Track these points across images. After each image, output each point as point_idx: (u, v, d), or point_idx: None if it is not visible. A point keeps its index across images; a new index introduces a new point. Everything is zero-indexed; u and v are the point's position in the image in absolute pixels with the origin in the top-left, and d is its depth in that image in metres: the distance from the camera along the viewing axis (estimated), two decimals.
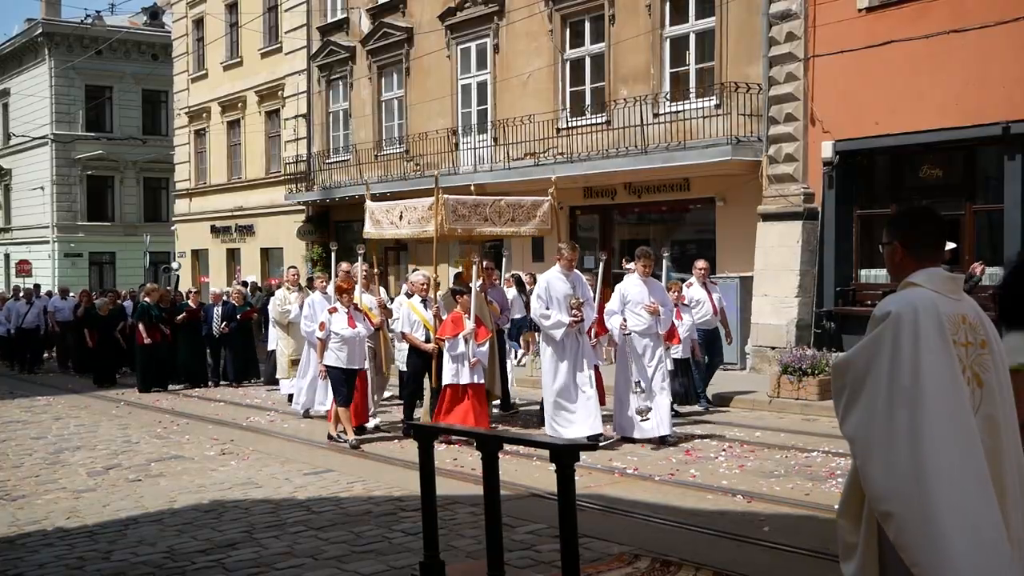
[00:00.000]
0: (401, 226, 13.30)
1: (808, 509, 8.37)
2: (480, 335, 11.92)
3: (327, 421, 13.03)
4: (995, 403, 3.80)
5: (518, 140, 22.80)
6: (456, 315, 11.97)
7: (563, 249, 11.84)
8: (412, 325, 12.73)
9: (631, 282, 11.92)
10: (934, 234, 4.05)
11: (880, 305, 3.89)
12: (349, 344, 12.08)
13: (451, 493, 8.87)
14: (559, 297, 11.52)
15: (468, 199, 13.08)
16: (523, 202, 13.33)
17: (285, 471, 10.73)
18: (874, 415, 3.71)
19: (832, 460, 10.44)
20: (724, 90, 18.75)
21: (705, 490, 9.22)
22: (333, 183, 29.56)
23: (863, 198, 17.81)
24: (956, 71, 15.82)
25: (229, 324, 19.63)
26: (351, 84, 29.73)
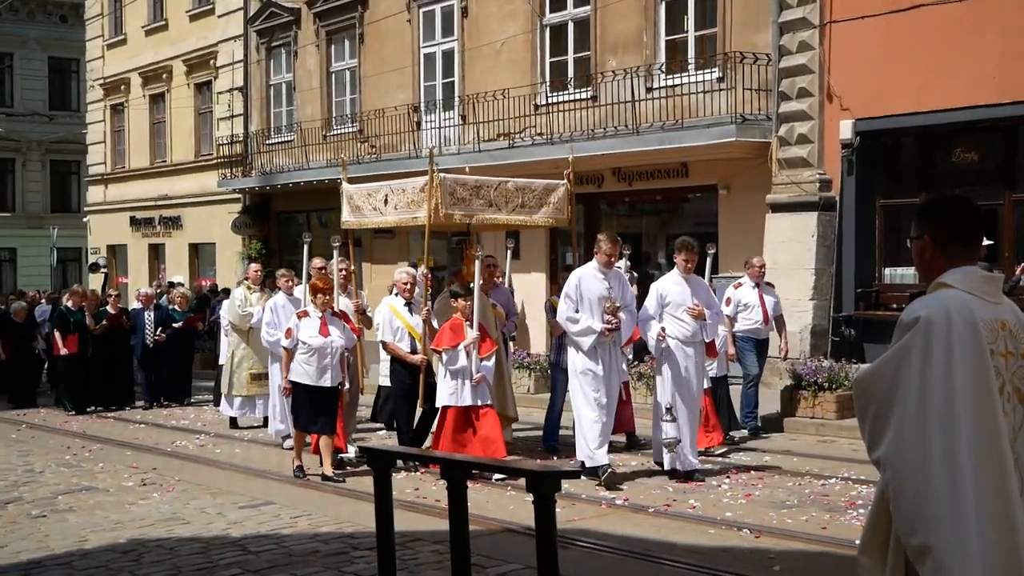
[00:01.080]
0: (387, 212, 12.91)
1: (825, 545, 8.40)
2: (485, 347, 11.47)
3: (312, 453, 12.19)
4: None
5: (490, 119, 22.80)
6: (456, 322, 11.46)
7: (602, 242, 11.25)
8: (395, 333, 12.24)
9: (670, 280, 11.45)
10: (969, 227, 4.06)
11: (908, 310, 3.90)
12: (320, 356, 11.53)
13: (412, 529, 8.86)
14: (592, 299, 11.04)
15: (469, 179, 12.76)
16: (534, 185, 12.95)
17: (217, 504, 10.67)
18: (904, 439, 3.71)
19: (853, 488, 10.49)
20: (728, 61, 18.81)
21: (706, 523, 9.23)
22: (274, 167, 29.47)
23: (887, 185, 17.91)
24: (994, 40, 15.93)
25: (165, 332, 19.27)
26: (295, 53, 29.65)
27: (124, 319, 19.45)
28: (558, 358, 12.92)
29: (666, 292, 11.30)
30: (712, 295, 11.90)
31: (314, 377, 11.51)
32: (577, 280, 11.16)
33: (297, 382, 11.60)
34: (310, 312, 11.74)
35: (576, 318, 11.04)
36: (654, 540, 8.72)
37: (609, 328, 10.96)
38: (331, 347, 11.58)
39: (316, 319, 11.62)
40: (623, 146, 19.69)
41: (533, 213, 12.91)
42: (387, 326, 12.28)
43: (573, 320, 11.06)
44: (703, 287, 11.65)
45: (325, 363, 11.55)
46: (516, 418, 13.01)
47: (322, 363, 11.54)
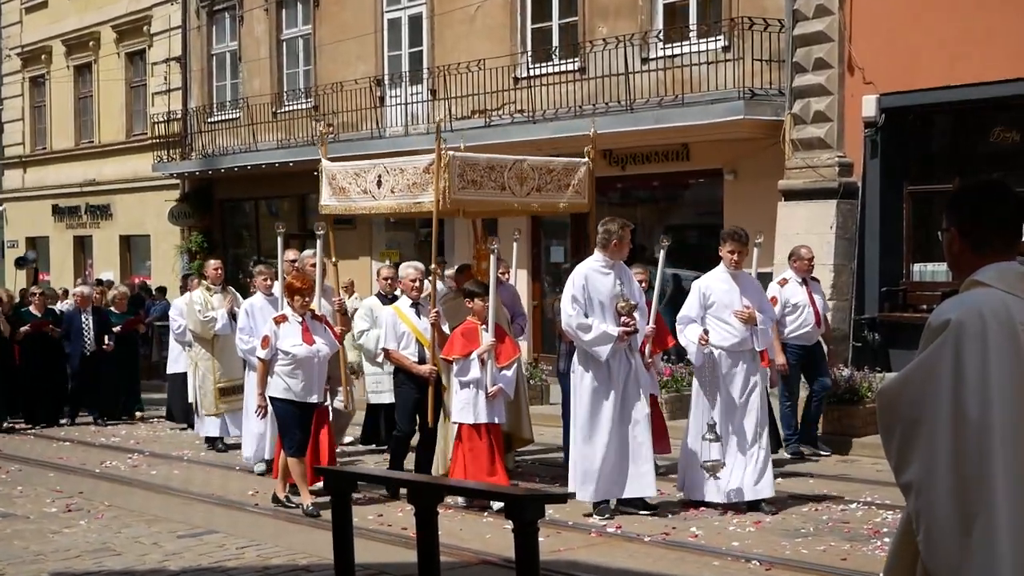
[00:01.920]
0: (380, 196, 12.46)
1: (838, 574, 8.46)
2: (504, 354, 11.17)
3: (272, 477, 12.10)
4: None
5: (463, 93, 22.79)
6: (468, 326, 11.15)
7: (611, 229, 10.75)
8: (400, 339, 11.82)
9: (716, 278, 11.14)
10: (1005, 217, 4.09)
11: (937, 311, 3.92)
12: (304, 367, 11.15)
13: (375, 560, 8.86)
14: (603, 298, 10.60)
15: (480, 158, 12.36)
16: (553, 164, 12.64)
17: (153, 533, 10.65)
18: (936, 463, 3.73)
19: (876, 514, 10.53)
20: (735, 28, 18.86)
21: (710, 554, 9.26)
22: (217, 149, 29.40)
23: (917, 170, 17.99)
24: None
25: (110, 339, 18.76)
26: (241, 18, 29.59)
27: (50, 325, 19.02)
28: (568, 366, 12.20)
29: (710, 291, 10.98)
30: (766, 298, 11.65)
31: (299, 392, 11.15)
32: (583, 279, 10.68)
33: (279, 399, 11.22)
34: (289, 317, 11.33)
35: (588, 324, 10.49)
36: (650, 573, 8.75)
37: (627, 331, 10.54)
38: (318, 356, 11.24)
39: (297, 324, 11.25)
40: (615, 125, 19.66)
41: (552, 197, 12.55)
42: (391, 331, 11.89)
43: (585, 328, 10.49)
44: (755, 287, 11.31)
45: (311, 375, 11.23)
46: (531, 439, 12.85)
47: (308, 375, 11.20)
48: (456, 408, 11.06)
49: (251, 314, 13.33)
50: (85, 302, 19.26)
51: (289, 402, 11.18)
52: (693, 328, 10.88)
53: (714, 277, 11.17)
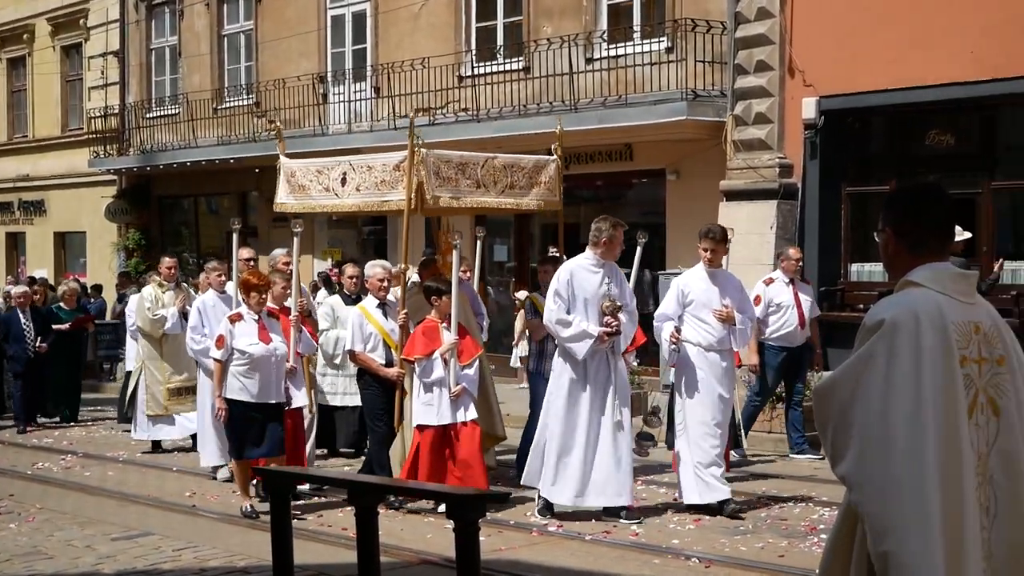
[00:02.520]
0: (344, 194, 12.10)
1: (783, 574, 8.52)
2: (466, 352, 10.90)
3: None
4: (1014, 435, 3.92)
5: (407, 91, 22.74)
6: (429, 325, 10.88)
7: (602, 227, 10.64)
8: (367, 340, 11.47)
9: (695, 276, 11.00)
10: (940, 219, 4.16)
11: (871, 312, 3.99)
12: (262, 367, 10.80)
13: (314, 561, 8.84)
14: (588, 297, 10.44)
15: (453, 155, 12.07)
16: (523, 162, 12.43)
17: (86, 536, 10.56)
18: (868, 458, 3.80)
19: (814, 511, 10.64)
20: (677, 29, 18.95)
21: (650, 552, 9.32)
22: (156, 145, 29.18)
23: (855, 171, 18.16)
24: (975, 11, 16.20)
25: (45, 340, 18.12)
26: (181, 12, 29.38)
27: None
28: (538, 366, 12.27)
29: (689, 289, 10.83)
30: (747, 297, 11.42)
31: (255, 392, 10.79)
32: (569, 275, 10.57)
33: (235, 400, 10.84)
34: (244, 315, 11.00)
35: (568, 320, 10.39)
36: (591, 571, 8.78)
37: (608, 332, 10.37)
38: (275, 355, 10.92)
39: (252, 323, 10.93)
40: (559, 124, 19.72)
41: (523, 195, 12.34)
42: (357, 332, 11.51)
43: (564, 323, 10.41)
44: (735, 286, 11.12)
45: (268, 375, 10.87)
46: (504, 437, 12.62)
47: (265, 375, 10.84)
48: (418, 410, 10.76)
49: (203, 312, 13.08)
50: (24, 301, 18.52)
51: (244, 403, 10.80)
52: (667, 325, 10.75)
53: (693, 275, 11.06)
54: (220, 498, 12.17)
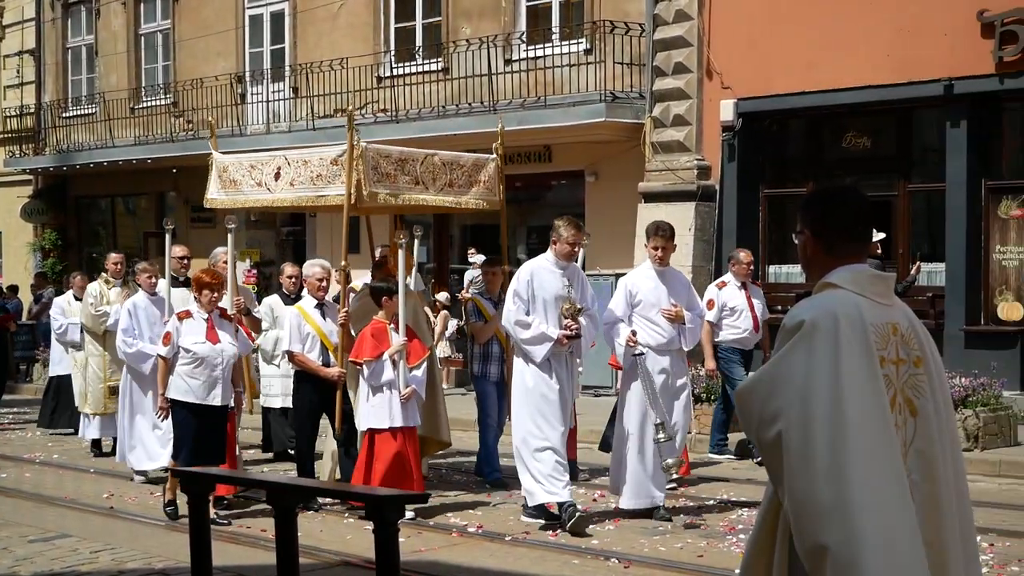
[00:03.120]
0: (277, 188, 11.67)
1: (702, 574, 8.56)
2: (414, 354, 10.51)
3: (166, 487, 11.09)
4: (931, 436, 3.95)
5: (326, 92, 22.67)
6: (377, 326, 10.47)
7: (561, 228, 10.24)
8: (304, 340, 11.12)
9: (642, 275, 10.55)
10: (857, 220, 4.18)
11: (791, 313, 4.00)
12: (207, 367, 10.31)
13: (233, 563, 8.77)
14: (547, 298, 10.10)
15: (392, 151, 11.69)
16: (463, 160, 12.08)
17: (2, 538, 10.38)
18: (789, 459, 3.82)
19: (732, 511, 10.69)
20: (596, 31, 19.02)
21: (569, 552, 9.31)
22: (73, 145, 28.86)
23: (772, 173, 18.32)
24: (890, 14, 16.39)
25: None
26: (98, 11, 29.09)
27: None
28: (483, 369, 12.18)
29: (637, 289, 10.36)
30: (695, 294, 11.00)
31: (200, 394, 10.28)
32: (529, 276, 10.23)
33: (178, 400, 10.36)
34: (193, 313, 10.48)
35: (527, 322, 10.06)
36: (511, 572, 8.77)
37: (568, 335, 10.06)
38: (222, 356, 10.39)
39: (202, 321, 10.43)
40: (478, 125, 19.69)
41: (463, 194, 11.95)
42: (295, 332, 11.17)
43: (523, 324, 10.08)
44: (683, 284, 10.75)
45: (215, 376, 10.33)
46: (449, 443, 12.20)
47: (211, 376, 10.32)
48: (367, 413, 10.37)
49: (134, 314, 12.46)
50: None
51: (187, 405, 10.32)
52: (622, 328, 10.29)
53: (640, 274, 10.61)
54: (138, 500, 12.03)
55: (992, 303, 16.17)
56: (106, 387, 14.62)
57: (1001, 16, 15.48)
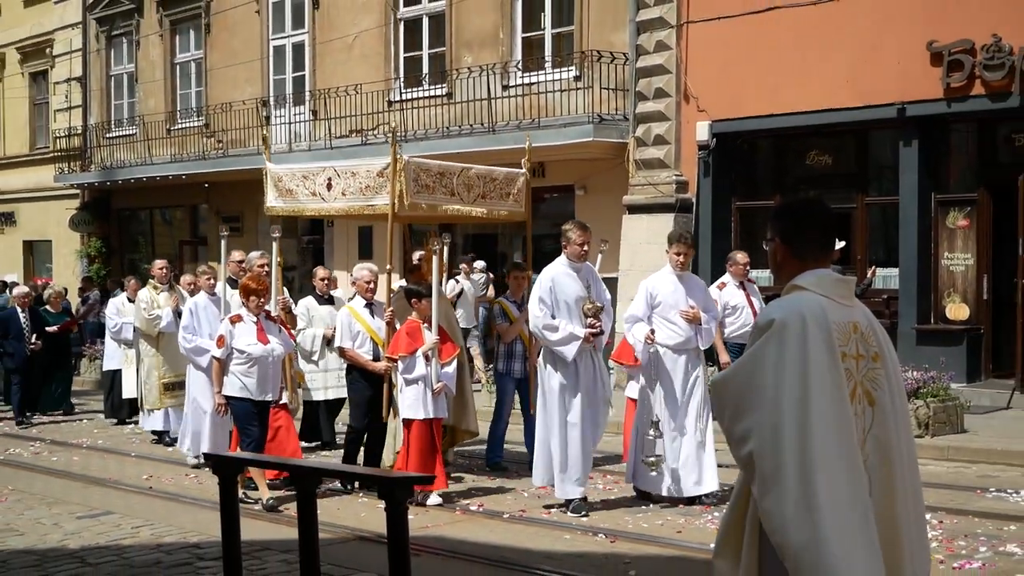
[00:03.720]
0: (331, 198, 11.48)
1: (680, 549, 8.54)
2: (446, 351, 10.43)
3: None
4: (887, 424, 3.96)
5: (342, 114, 22.64)
6: (412, 325, 10.38)
7: (569, 231, 10.09)
8: (355, 337, 11.02)
9: (662, 279, 10.23)
10: (822, 230, 4.18)
11: (763, 312, 4.01)
12: (260, 366, 10.18)
13: (260, 538, 8.77)
14: (569, 300, 9.87)
15: (432, 164, 11.54)
16: (495, 174, 11.87)
17: (53, 515, 10.40)
18: (761, 444, 3.81)
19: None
20: (585, 60, 19.00)
21: (561, 529, 9.31)
22: (115, 162, 28.83)
23: (743, 187, 18.31)
24: (848, 44, 16.40)
25: (38, 337, 17.31)
26: (137, 42, 29.06)
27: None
28: (506, 366, 11.99)
29: (656, 291, 10.09)
30: (711, 297, 10.77)
31: (254, 390, 10.18)
32: (550, 281, 9.97)
33: (235, 398, 10.24)
34: (244, 317, 10.32)
35: (555, 325, 9.79)
36: (508, 546, 8.76)
37: (593, 333, 9.86)
38: (272, 355, 10.30)
39: (252, 324, 10.26)
40: (479, 145, 19.72)
41: (494, 205, 11.77)
42: (346, 330, 11.08)
43: (551, 328, 9.80)
44: (700, 287, 10.44)
45: (266, 373, 10.26)
46: (476, 432, 11.90)
47: (263, 374, 10.22)
48: (405, 404, 10.26)
49: (194, 313, 12.35)
50: (25, 301, 17.66)
51: (245, 400, 10.20)
52: (640, 327, 10.01)
53: (660, 278, 10.28)
54: (174, 481, 12.03)
55: (941, 304, 16.17)
56: (160, 384, 14.39)
57: (948, 47, 15.48)
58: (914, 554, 3.96)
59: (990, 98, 15.29)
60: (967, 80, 15.41)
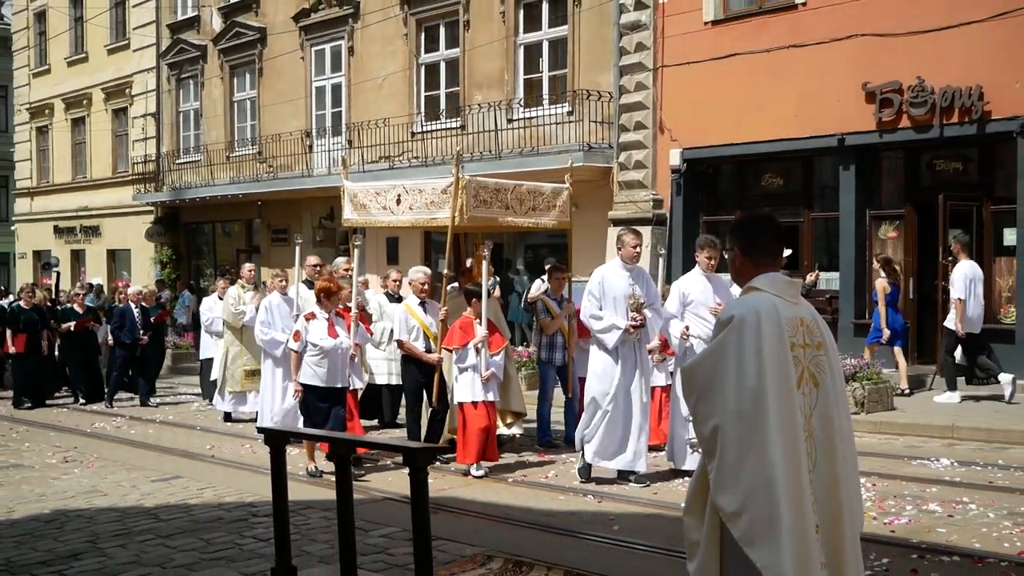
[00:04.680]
0: (399, 212, 11.12)
1: (656, 508, 8.54)
2: (494, 343, 10.23)
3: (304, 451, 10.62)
4: (829, 402, 3.99)
5: (372, 143, 22.67)
6: (465, 320, 10.19)
7: (624, 237, 9.78)
8: (410, 331, 10.69)
9: (693, 279, 9.84)
10: (773, 240, 4.20)
11: (725, 310, 4.02)
12: (330, 358, 9.94)
13: (304, 498, 8.76)
14: (616, 296, 9.56)
15: (489, 182, 11.18)
16: (543, 189, 11.54)
17: (131, 478, 10.41)
18: (726, 417, 3.83)
19: None
20: (576, 98, 19.01)
21: (557, 491, 9.30)
22: (183, 184, 28.86)
23: (709, 204, 18.32)
24: (795, 84, 16.42)
25: (147, 332, 17.01)
26: (202, 83, 29.09)
27: (91, 321, 17.48)
28: (548, 355, 11.74)
29: (688, 290, 9.74)
30: (733, 294, 10.00)
31: (325, 379, 9.94)
32: (600, 278, 9.72)
33: (308, 385, 9.99)
34: (317, 314, 10.11)
35: (599, 315, 9.56)
36: (513, 505, 8.76)
37: (634, 325, 9.52)
38: (340, 348, 10.01)
39: (324, 321, 10.04)
40: (487, 168, 19.64)
41: (542, 216, 11.41)
42: (402, 325, 10.76)
43: (596, 317, 9.59)
44: (725, 286, 9.83)
45: (336, 364, 9.98)
46: (525, 413, 11.46)
47: (332, 365, 9.96)
48: (459, 389, 10.06)
49: (269, 310, 12.02)
50: (137, 298, 17.19)
51: (316, 388, 9.93)
52: (675, 324, 9.66)
53: (691, 279, 9.85)
54: (232, 450, 12.05)
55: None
56: (242, 371, 14.22)
57: (880, 87, 15.49)
58: (852, 509, 3.98)
59: (915, 130, 15.31)
60: (896, 115, 15.42)
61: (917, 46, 15.21)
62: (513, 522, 8.16)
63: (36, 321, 17.00)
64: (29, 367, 17.05)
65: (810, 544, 3.78)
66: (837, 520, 3.91)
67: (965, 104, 14.74)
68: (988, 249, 15.41)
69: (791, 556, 3.70)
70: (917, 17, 15.20)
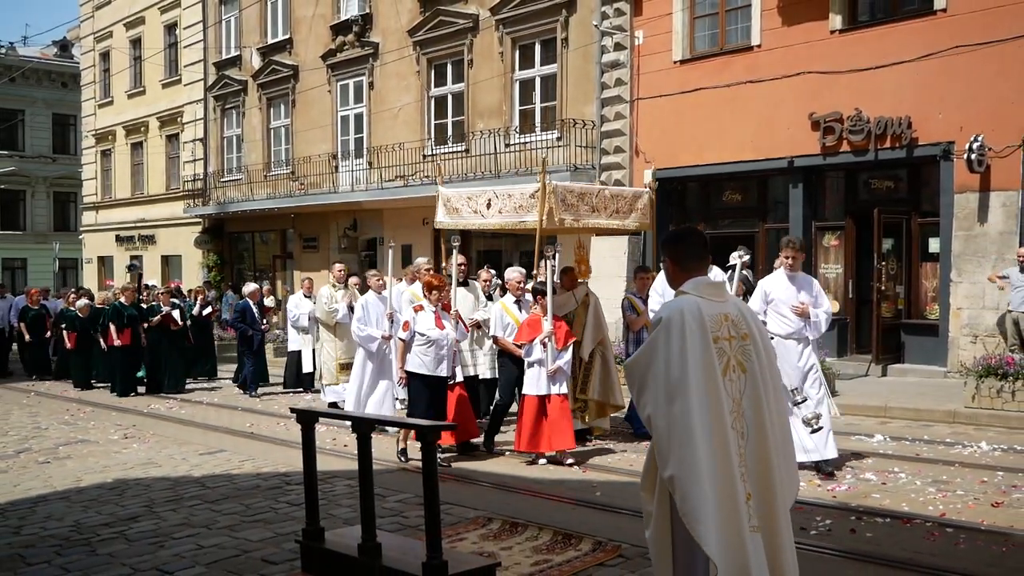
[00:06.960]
0: (490, 215, 10.37)
1: (633, 476, 8.54)
2: (562, 339, 9.37)
3: None
4: (757, 385, 3.98)
5: (390, 164, 22.66)
6: (534, 318, 9.47)
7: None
8: (505, 328, 9.91)
9: (776, 279, 8.83)
10: (698, 250, 4.20)
11: (657, 312, 4.04)
12: (436, 347, 9.09)
13: (330, 469, 8.78)
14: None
15: (574, 187, 10.48)
16: (624, 193, 10.86)
17: (182, 452, 10.42)
18: (657, 405, 3.86)
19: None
20: (564, 125, 19.02)
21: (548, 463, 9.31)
22: (227, 199, 28.81)
23: (678, 217, 18.32)
24: (752, 115, 16.44)
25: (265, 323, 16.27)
26: (243, 113, 29.06)
27: (172, 319, 16.63)
28: (635, 350, 10.81)
29: (771, 290, 8.77)
30: (823, 294, 8.93)
31: (431, 367, 9.06)
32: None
33: (414, 373, 9.12)
34: (425, 307, 9.26)
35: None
36: (510, 475, 8.77)
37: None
38: (446, 339, 9.17)
39: (431, 313, 9.21)
40: (488, 186, 19.59)
41: (625, 218, 10.64)
42: (498, 322, 10.03)
43: None
44: (811, 285, 8.85)
45: (442, 354, 9.12)
46: (623, 405, 10.58)
47: (439, 354, 9.10)
48: (525, 382, 9.37)
49: (365, 308, 10.89)
50: (256, 296, 16.14)
51: (422, 376, 9.07)
52: None
53: (775, 278, 8.87)
54: (269, 428, 12.05)
55: None
56: (337, 364, 13.50)
57: (824, 116, 15.51)
58: (783, 481, 3.97)
59: (854, 153, 15.33)
60: (837, 141, 15.44)
61: (855, 82, 15.24)
62: (508, 488, 8.17)
63: (136, 316, 16.46)
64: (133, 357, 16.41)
65: (740, 511, 3.76)
66: (768, 488, 3.90)
67: (896, 132, 14.77)
68: (916, 255, 15.46)
69: (715, 523, 3.69)
70: (856, 56, 15.24)
